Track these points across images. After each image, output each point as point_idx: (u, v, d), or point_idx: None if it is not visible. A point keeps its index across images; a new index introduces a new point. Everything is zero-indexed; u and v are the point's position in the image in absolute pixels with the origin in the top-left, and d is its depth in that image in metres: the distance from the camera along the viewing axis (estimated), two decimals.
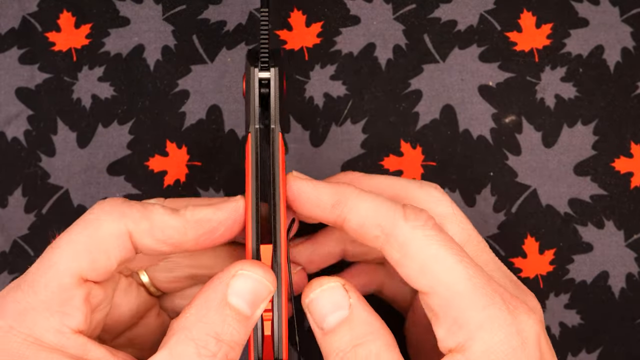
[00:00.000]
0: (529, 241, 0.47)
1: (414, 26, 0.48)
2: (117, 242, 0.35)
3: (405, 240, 0.35)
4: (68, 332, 0.34)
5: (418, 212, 0.36)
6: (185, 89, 0.47)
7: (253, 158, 0.37)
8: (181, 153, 0.47)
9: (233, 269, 0.35)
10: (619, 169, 0.47)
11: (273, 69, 0.38)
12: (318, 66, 0.47)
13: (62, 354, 0.34)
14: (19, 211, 0.47)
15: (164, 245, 0.36)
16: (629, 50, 0.47)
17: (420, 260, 0.35)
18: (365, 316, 0.36)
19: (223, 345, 0.34)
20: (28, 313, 0.34)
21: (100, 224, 0.35)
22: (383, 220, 0.36)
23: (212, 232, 0.37)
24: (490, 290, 0.34)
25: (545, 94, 0.47)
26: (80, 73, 0.48)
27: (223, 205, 0.37)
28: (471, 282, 0.34)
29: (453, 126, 0.47)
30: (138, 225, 0.36)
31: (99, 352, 0.35)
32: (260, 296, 0.35)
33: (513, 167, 0.47)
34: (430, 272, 0.35)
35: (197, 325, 0.34)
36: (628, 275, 0.46)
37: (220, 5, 0.48)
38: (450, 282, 0.34)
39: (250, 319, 0.35)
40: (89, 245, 0.35)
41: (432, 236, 0.35)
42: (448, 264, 0.35)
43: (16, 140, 0.47)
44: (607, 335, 0.46)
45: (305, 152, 0.47)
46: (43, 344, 0.34)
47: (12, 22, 0.48)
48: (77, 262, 0.35)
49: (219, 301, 0.34)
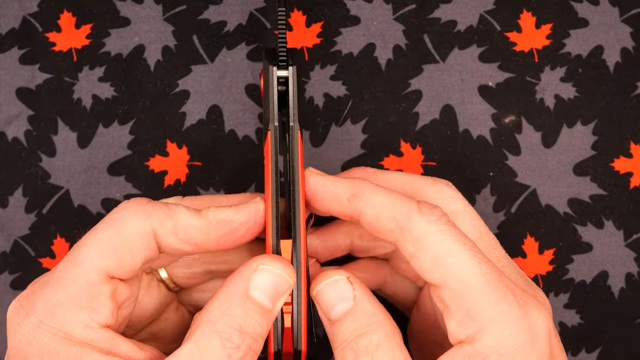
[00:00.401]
0: (528, 241, 0.47)
1: (414, 26, 0.48)
2: (142, 241, 0.36)
3: (420, 234, 0.36)
4: (96, 326, 0.35)
5: (432, 208, 0.37)
6: (185, 89, 0.47)
7: (273, 155, 0.38)
8: (181, 153, 0.47)
9: (254, 263, 0.36)
10: (618, 169, 0.47)
11: (291, 68, 0.38)
12: (318, 66, 0.47)
13: (92, 348, 0.35)
14: (20, 211, 0.47)
15: (186, 245, 0.37)
16: (628, 51, 0.47)
17: (434, 253, 0.36)
18: (368, 307, 0.37)
19: (246, 338, 0.35)
20: (57, 309, 0.35)
21: (126, 223, 0.36)
22: (398, 214, 0.37)
23: (233, 233, 0.38)
24: (502, 286, 0.35)
25: (545, 94, 0.47)
26: (81, 73, 0.48)
27: (244, 206, 0.38)
28: (484, 277, 0.35)
29: (453, 126, 0.47)
30: (162, 225, 0.36)
31: (126, 346, 0.36)
32: (280, 290, 0.36)
33: (513, 167, 0.47)
34: (444, 265, 0.36)
35: (221, 318, 0.35)
36: (627, 275, 0.47)
37: (221, 6, 0.48)
38: (464, 275, 0.35)
39: (271, 312, 0.36)
40: (115, 243, 0.36)
41: (446, 231, 0.36)
42: (461, 258, 0.35)
43: (17, 140, 0.47)
44: (607, 335, 0.46)
45: (305, 152, 0.47)
46: (73, 338, 0.35)
47: (12, 22, 0.48)
48: (104, 260, 0.36)
49: (241, 295, 0.35)
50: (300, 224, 0.37)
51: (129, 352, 0.36)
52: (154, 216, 0.36)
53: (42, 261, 0.47)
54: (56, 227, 0.47)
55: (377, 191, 0.38)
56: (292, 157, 0.38)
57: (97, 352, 0.35)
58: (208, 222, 0.37)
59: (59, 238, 0.47)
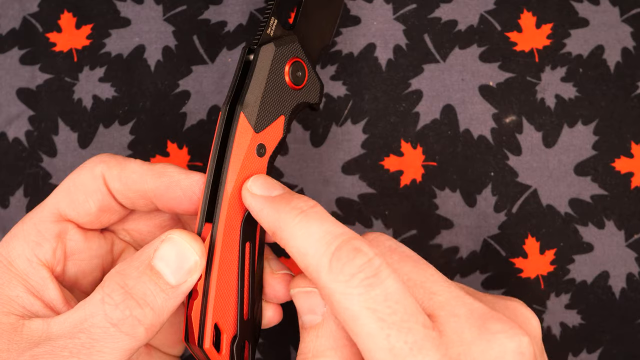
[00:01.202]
0: (529, 241, 0.47)
1: (414, 26, 0.48)
2: (93, 184, 0.38)
3: (328, 294, 0.33)
4: (35, 261, 0.37)
5: (347, 262, 0.33)
6: (186, 89, 0.47)
7: (217, 137, 0.38)
8: (182, 153, 0.47)
9: (164, 234, 0.36)
10: (619, 169, 0.47)
11: (259, 49, 0.39)
12: (318, 66, 0.47)
13: (22, 282, 0.36)
14: (21, 211, 0.47)
15: (129, 191, 0.38)
16: (629, 50, 0.47)
17: (342, 317, 0.33)
18: (333, 329, 0.35)
19: (129, 299, 0.34)
20: (12, 239, 0.37)
21: (82, 169, 0.39)
22: (309, 267, 0.34)
23: (170, 190, 0.38)
24: (411, 357, 0.32)
25: (546, 94, 0.47)
26: (81, 74, 0.48)
27: (192, 173, 0.38)
28: (391, 353, 0.32)
29: (453, 126, 0.47)
30: (111, 170, 0.38)
31: (54, 293, 0.37)
32: (184, 263, 0.35)
33: (513, 167, 0.47)
34: (351, 331, 0.33)
35: (112, 276, 0.35)
36: (628, 275, 0.46)
37: (221, 6, 0.48)
38: (369, 348, 0.32)
39: (174, 288, 0.35)
40: (69, 187, 0.38)
41: (355, 296, 0.32)
42: (367, 329, 0.32)
43: (17, 140, 0.47)
44: (608, 335, 0.46)
45: (305, 152, 0.47)
46: (12, 267, 0.37)
47: (13, 23, 0.48)
48: (56, 200, 0.38)
49: (142, 260, 0.35)
50: (222, 206, 0.37)
51: (53, 300, 0.37)
52: (106, 162, 0.38)
53: None
54: None
55: (296, 231, 0.34)
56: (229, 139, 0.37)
57: (24, 287, 0.36)
58: (149, 170, 0.38)
59: None
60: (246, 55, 0.39)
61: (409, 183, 0.47)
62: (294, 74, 0.40)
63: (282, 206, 0.35)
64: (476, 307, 0.34)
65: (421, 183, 0.47)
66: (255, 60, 0.38)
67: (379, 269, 0.33)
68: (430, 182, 0.47)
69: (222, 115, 0.38)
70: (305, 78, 0.41)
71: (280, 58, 0.39)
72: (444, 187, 0.47)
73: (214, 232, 0.37)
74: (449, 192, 0.47)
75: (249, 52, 0.39)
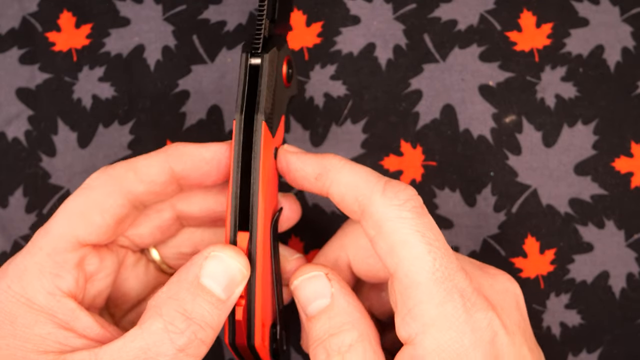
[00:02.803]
0: (529, 241, 0.46)
1: (414, 26, 0.48)
2: (109, 200, 0.37)
3: (380, 219, 0.35)
4: (59, 294, 0.35)
5: (399, 190, 0.35)
6: (185, 89, 0.47)
7: (236, 146, 0.37)
8: None
9: (206, 251, 0.36)
10: (619, 169, 0.47)
11: (265, 55, 0.38)
12: (318, 66, 0.47)
13: (50, 317, 0.35)
14: (20, 211, 0.47)
15: (155, 186, 0.37)
16: (629, 50, 0.47)
17: (390, 241, 0.35)
18: (345, 306, 0.36)
19: (192, 324, 0.34)
20: (23, 274, 0.35)
21: (91, 189, 0.37)
22: (361, 195, 0.35)
23: (196, 168, 0.38)
24: (451, 286, 0.34)
25: (546, 94, 0.47)
26: (81, 73, 0.48)
27: (209, 145, 0.38)
28: (434, 275, 0.34)
29: (453, 126, 0.47)
30: (126, 178, 0.37)
31: (86, 321, 0.36)
32: (233, 280, 0.36)
33: (513, 167, 0.47)
34: (397, 255, 0.34)
35: (167, 302, 0.35)
36: (629, 275, 0.46)
37: (220, 5, 0.48)
38: (413, 270, 0.34)
39: (224, 302, 0.35)
40: (82, 209, 0.37)
41: (407, 219, 0.35)
42: (415, 252, 0.34)
43: (17, 140, 0.47)
44: (608, 335, 0.46)
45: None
46: (33, 305, 0.35)
47: (12, 22, 0.48)
48: (71, 227, 0.36)
49: (191, 281, 0.35)
50: (257, 216, 0.37)
51: (86, 328, 0.36)
52: (115, 175, 0.37)
53: None
54: None
55: (343, 170, 0.36)
56: (253, 149, 0.37)
57: (53, 323, 0.35)
58: (168, 156, 0.37)
59: None
60: (249, 59, 0.38)
61: (409, 183, 0.47)
62: (288, 72, 0.40)
63: (323, 155, 0.37)
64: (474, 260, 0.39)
65: (421, 183, 0.47)
66: (264, 66, 0.38)
67: (422, 203, 0.36)
68: (430, 182, 0.47)
69: (239, 125, 0.37)
70: (293, 74, 0.41)
71: (280, 60, 0.39)
72: (444, 187, 0.47)
73: (254, 240, 0.37)
74: (449, 192, 0.47)
75: (251, 55, 0.38)
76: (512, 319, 0.36)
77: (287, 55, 0.40)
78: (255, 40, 0.38)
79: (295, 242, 0.47)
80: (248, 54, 0.38)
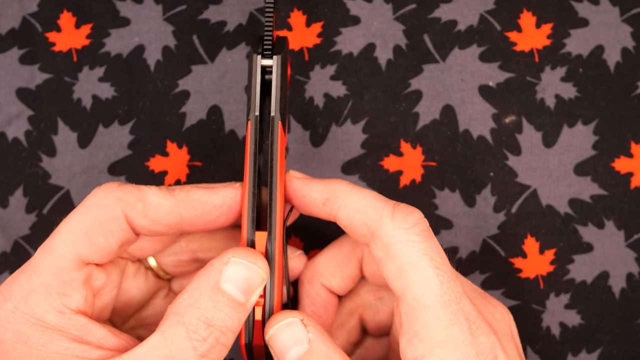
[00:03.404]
0: (529, 241, 0.46)
1: (414, 26, 0.48)
2: (115, 224, 0.37)
3: (389, 242, 0.36)
4: (69, 312, 0.35)
5: (407, 214, 0.36)
6: (185, 89, 0.47)
7: (252, 146, 0.38)
8: (182, 153, 0.47)
9: (225, 256, 0.36)
10: (619, 169, 0.47)
11: (276, 57, 0.38)
12: (318, 66, 0.47)
13: (63, 334, 0.35)
14: (20, 211, 0.47)
15: (158, 226, 0.37)
16: (629, 50, 0.47)
17: (399, 264, 0.35)
18: (324, 349, 0.36)
19: (214, 330, 0.35)
20: (30, 295, 0.35)
21: (97, 209, 0.36)
22: (369, 219, 0.36)
23: (206, 215, 0.38)
24: (457, 309, 0.35)
25: (545, 94, 0.47)
26: (81, 73, 0.48)
27: (219, 189, 0.38)
28: (441, 298, 0.35)
29: (453, 126, 0.47)
30: (133, 207, 0.37)
31: (99, 332, 0.36)
32: (253, 283, 0.36)
33: (513, 167, 0.47)
34: (405, 278, 0.35)
35: (189, 310, 0.35)
36: (628, 275, 0.46)
37: (221, 6, 0.48)
38: (421, 293, 0.35)
39: (244, 305, 0.36)
40: (87, 229, 0.36)
41: (415, 242, 0.35)
42: (423, 275, 0.35)
43: (17, 140, 0.47)
44: (608, 335, 0.46)
45: (305, 152, 0.47)
46: (44, 324, 0.35)
47: (12, 22, 0.48)
48: (76, 246, 0.36)
49: (211, 287, 0.35)
50: (276, 216, 0.37)
51: (101, 339, 0.36)
52: (124, 200, 0.37)
53: None
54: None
55: (351, 195, 0.37)
56: (271, 148, 0.38)
57: (68, 338, 0.35)
58: (179, 202, 0.37)
59: None
60: (261, 61, 0.38)
61: (409, 183, 0.47)
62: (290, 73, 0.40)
63: (330, 180, 0.38)
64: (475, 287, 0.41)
65: (421, 183, 0.47)
66: (279, 68, 0.38)
67: (429, 226, 0.37)
68: (429, 182, 0.47)
69: (254, 125, 0.38)
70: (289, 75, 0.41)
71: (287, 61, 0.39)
72: (444, 187, 0.47)
73: (272, 240, 0.37)
74: (449, 192, 0.47)
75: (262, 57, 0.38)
76: (510, 345, 0.37)
77: (289, 56, 0.40)
78: (265, 42, 0.38)
79: (296, 242, 0.47)
80: (259, 55, 0.38)
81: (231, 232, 0.42)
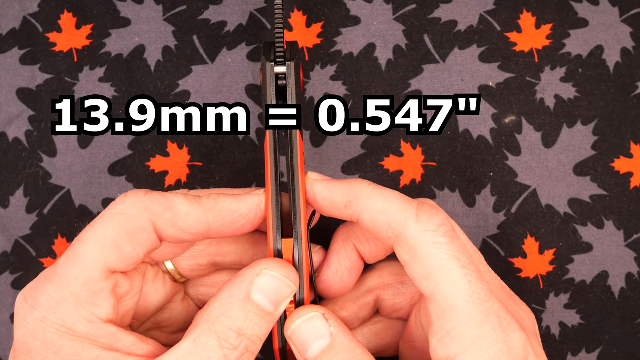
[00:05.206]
0: (529, 241, 0.47)
1: (414, 26, 0.48)
2: (142, 234, 0.37)
3: (415, 244, 0.36)
4: (98, 322, 0.36)
5: (432, 215, 0.36)
6: (186, 89, 0.47)
7: (272, 154, 0.38)
8: (182, 153, 0.47)
9: (257, 267, 0.36)
10: (618, 169, 0.47)
11: (289, 64, 0.38)
12: (318, 66, 0.47)
13: (93, 343, 0.35)
14: (21, 211, 0.47)
15: (187, 235, 0.37)
16: (628, 51, 0.47)
17: (427, 266, 0.35)
18: (346, 343, 0.36)
19: (244, 340, 0.35)
20: (59, 305, 0.35)
21: (125, 218, 0.36)
22: (394, 222, 0.36)
23: (233, 223, 0.38)
24: (488, 307, 0.35)
25: (545, 94, 0.47)
26: (81, 74, 0.48)
27: (246, 197, 0.38)
28: (471, 297, 0.35)
29: (453, 126, 0.47)
30: (161, 217, 0.37)
31: (128, 340, 0.36)
32: (283, 294, 0.36)
33: (513, 167, 0.47)
34: (434, 280, 0.35)
35: (220, 319, 0.35)
36: (628, 275, 0.47)
37: (221, 6, 0.48)
38: (451, 294, 0.35)
39: (272, 315, 0.36)
40: (115, 239, 0.36)
41: (442, 244, 0.35)
42: (452, 276, 0.35)
43: (17, 140, 0.47)
44: (607, 335, 0.46)
45: (306, 152, 0.47)
46: (75, 333, 0.35)
47: (13, 23, 0.48)
48: (104, 256, 0.36)
49: (242, 298, 0.36)
50: (301, 223, 0.37)
51: (130, 346, 0.36)
52: (152, 209, 0.37)
53: (43, 261, 0.47)
54: (57, 227, 0.47)
55: (373, 196, 0.37)
56: (291, 156, 0.38)
57: (99, 347, 0.35)
58: (207, 211, 0.37)
59: (60, 238, 0.47)
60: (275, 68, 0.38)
61: (409, 183, 0.47)
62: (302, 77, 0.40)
63: (351, 181, 0.38)
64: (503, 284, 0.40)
65: (421, 183, 0.47)
66: (293, 76, 0.38)
67: (453, 226, 0.37)
68: (429, 182, 0.47)
69: (273, 133, 0.38)
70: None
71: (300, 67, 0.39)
72: (444, 187, 0.47)
73: (299, 247, 0.37)
74: (449, 192, 0.47)
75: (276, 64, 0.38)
76: (536, 343, 0.38)
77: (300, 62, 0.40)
78: (277, 49, 0.38)
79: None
80: (273, 62, 0.38)
81: (248, 236, 0.42)
